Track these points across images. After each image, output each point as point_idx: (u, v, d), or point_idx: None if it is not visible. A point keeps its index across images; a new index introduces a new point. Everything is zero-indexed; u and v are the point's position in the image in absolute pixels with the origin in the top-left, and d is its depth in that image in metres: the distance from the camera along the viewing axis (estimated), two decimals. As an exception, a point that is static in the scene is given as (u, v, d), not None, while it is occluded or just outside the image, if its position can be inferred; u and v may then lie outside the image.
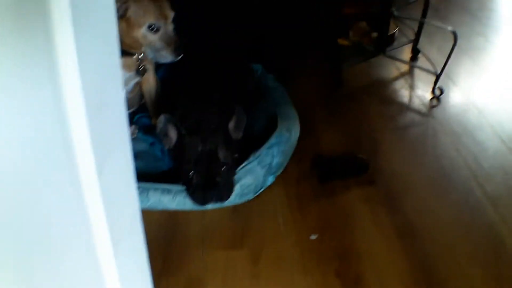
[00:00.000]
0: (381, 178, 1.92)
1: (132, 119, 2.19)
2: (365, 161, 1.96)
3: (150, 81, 2.06)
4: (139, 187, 1.73)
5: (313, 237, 1.67)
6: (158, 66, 2.27)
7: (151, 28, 1.78)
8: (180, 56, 1.84)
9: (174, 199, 1.71)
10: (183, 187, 1.71)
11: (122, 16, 1.75)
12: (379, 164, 1.99)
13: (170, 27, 1.82)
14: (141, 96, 2.17)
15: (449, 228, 1.69)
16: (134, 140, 2.09)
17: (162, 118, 1.71)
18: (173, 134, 1.74)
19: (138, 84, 2.07)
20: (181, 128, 1.72)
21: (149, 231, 1.68)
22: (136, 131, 2.12)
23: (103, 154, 0.89)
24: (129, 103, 2.14)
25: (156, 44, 1.82)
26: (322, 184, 1.90)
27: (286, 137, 1.86)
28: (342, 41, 2.94)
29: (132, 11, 1.75)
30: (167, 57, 1.84)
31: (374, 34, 2.86)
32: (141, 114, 2.20)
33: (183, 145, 1.70)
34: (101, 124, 0.89)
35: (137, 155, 1.99)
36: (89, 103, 0.82)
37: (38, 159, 0.77)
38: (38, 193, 0.78)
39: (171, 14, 1.81)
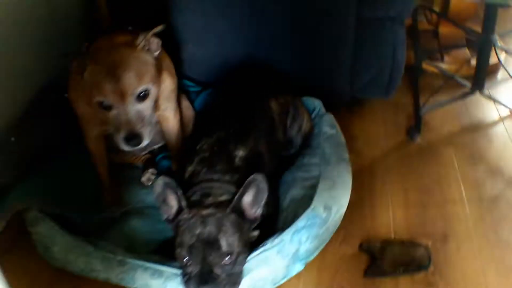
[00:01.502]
0: (443, 279, 1.45)
1: (154, 158, 1.86)
2: (427, 252, 1.50)
3: (170, 120, 1.70)
4: (126, 263, 1.39)
5: None
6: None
7: (100, 104, 1.39)
8: (136, 147, 1.44)
9: (165, 285, 1.36)
10: (180, 271, 1.35)
11: (82, 75, 1.40)
12: (445, 256, 1.52)
13: (131, 107, 1.39)
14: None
15: None
16: (149, 188, 1.75)
17: (160, 181, 1.35)
18: (173, 202, 1.37)
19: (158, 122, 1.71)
20: (181, 198, 1.35)
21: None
22: (153, 176, 1.78)
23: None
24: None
25: (109, 123, 1.44)
26: (367, 278, 1.47)
27: (322, 218, 1.41)
28: (430, 67, 2.43)
29: (86, 75, 1.39)
30: (118, 142, 1.43)
31: (473, 62, 2.32)
32: (164, 153, 1.85)
33: (179, 221, 1.34)
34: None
35: (142, 211, 1.65)
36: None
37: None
38: None
39: (133, 92, 1.38)
